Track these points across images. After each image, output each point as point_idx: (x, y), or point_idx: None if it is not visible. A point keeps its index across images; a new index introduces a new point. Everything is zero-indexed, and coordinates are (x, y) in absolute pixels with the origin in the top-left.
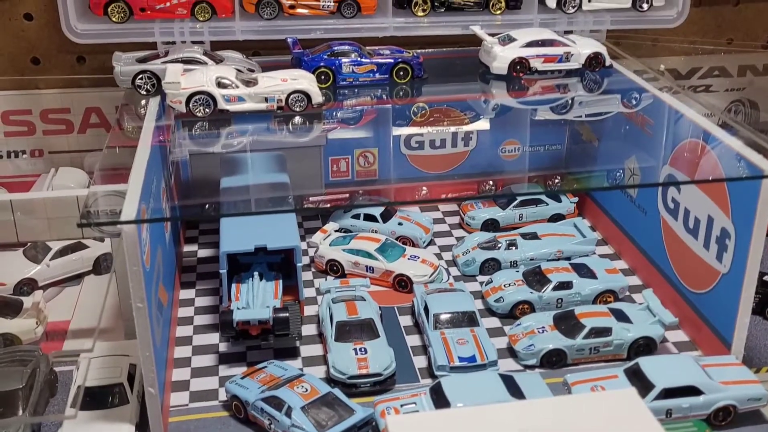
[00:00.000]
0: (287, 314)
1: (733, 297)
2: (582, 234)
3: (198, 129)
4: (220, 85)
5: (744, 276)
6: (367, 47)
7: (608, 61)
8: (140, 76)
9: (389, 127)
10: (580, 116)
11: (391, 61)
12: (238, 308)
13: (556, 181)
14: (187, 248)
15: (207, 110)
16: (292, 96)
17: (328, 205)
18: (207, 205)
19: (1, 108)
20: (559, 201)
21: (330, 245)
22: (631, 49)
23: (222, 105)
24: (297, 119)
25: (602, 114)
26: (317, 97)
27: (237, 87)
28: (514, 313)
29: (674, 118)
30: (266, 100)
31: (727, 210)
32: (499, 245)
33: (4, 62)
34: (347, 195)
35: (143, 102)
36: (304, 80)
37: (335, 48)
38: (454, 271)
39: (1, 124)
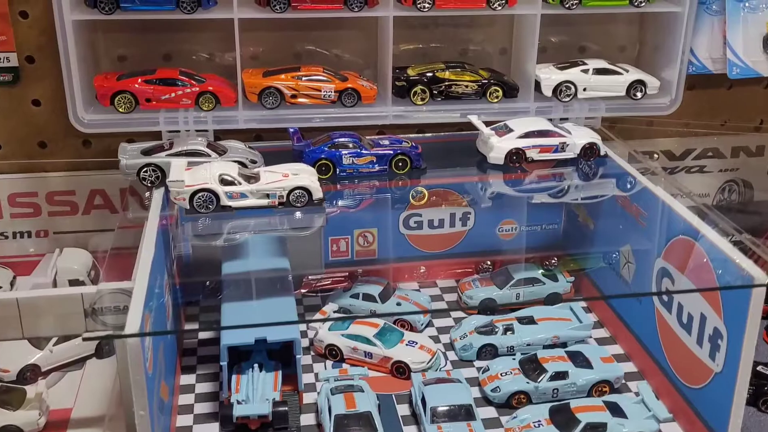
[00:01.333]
0: (286, 408)
1: (727, 396)
2: (578, 319)
3: (201, 222)
4: (223, 181)
5: (737, 377)
6: (367, 137)
7: (603, 151)
8: (145, 169)
9: (388, 208)
10: (576, 199)
11: (390, 152)
12: (238, 401)
13: (553, 261)
14: (189, 325)
15: (210, 207)
16: (293, 192)
17: (329, 283)
18: (208, 282)
19: (8, 191)
20: (556, 281)
21: (329, 330)
22: (626, 133)
23: (225, 202)
24: (298, 214)
25: (598, 197)
26: (318, 193)
27: (239, 184)
28: (511, 402)
29: (667, 212)
30: (268, 196)
31: (719, 311)
32: (496, 330)
33: (12, 146)
34: (347, 274)
35: (147, 194)
36: (305, 175)
37: (335, 140)
38: (451, 354)
39: (8, 206)
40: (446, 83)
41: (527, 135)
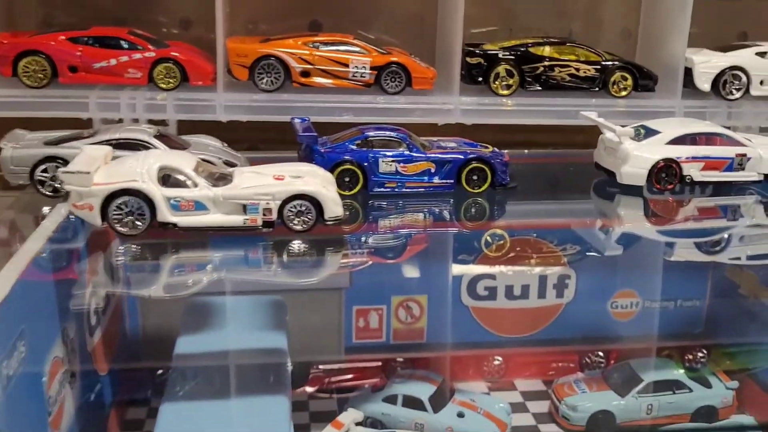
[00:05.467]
0: None
1: None
2: None
3: (141, 253)
4: (165, 180)
5: None
6: (422, 138)
7: None
8: (44, 165)
9: (446, 264)
10: (740, 258)
11: (460, 157)
12: None
13: (700, 355)
14: None
15: (139, 223)
16: (290, 204)
17: (351, 378)
18: (160, 372)
19: None
20: (709, 386)
21: None
22: None
23: (165, 215)
24: (298, 246)
25: None
26: (333, 208)
27: (194, 185)
28: None
29: None
30: (244, 209)
31: None
32: None
33: None
34: (379, 365)
35: (45, 210)
36: (312, 179)
37: (370, 133)
38: None
39: None
40: (545, 64)
41: (682, 140)
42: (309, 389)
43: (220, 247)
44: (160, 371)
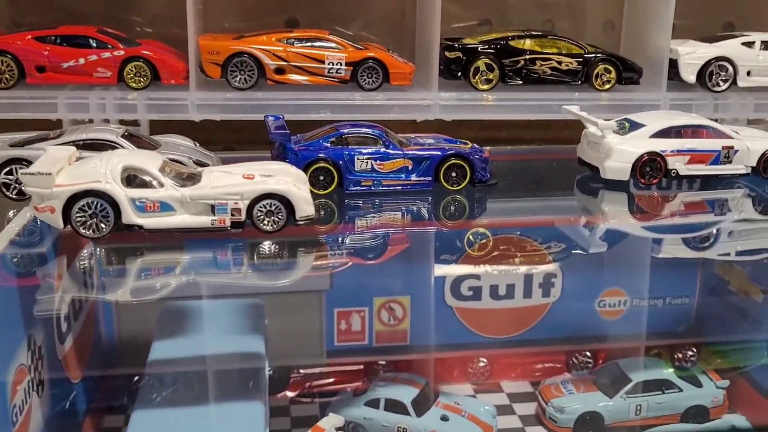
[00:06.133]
0: None
1: None
2: None
3: (113, 259)
4: (130, 181)
5: None
6: (400, 135)
7: None
8: (8, 167)
9: (429, 264)
10: (728, 254)
11: (438, 153)
12: None
13: (690, 354)
14: None
15: (103, 226)
16: (259, 204)
17: (332, 382)
18: (136, 378)
19: None
20: (699, 386)
21: None
22: None
23: (130, 217)
24: (269, 247)
25: None
26: (305, 207)
27: (161, 186)
28: None
29: None
30: (213, 209)
31: None
32: None
33: None
34: (361, 368)
35: (11, 214)
36: (283, 178)
37: (345, 130)
38: None
39: None
40: (526, 57)
41: (667, 133)
42: (290, 394)
43: (195, 250)
44: (136, 378)
